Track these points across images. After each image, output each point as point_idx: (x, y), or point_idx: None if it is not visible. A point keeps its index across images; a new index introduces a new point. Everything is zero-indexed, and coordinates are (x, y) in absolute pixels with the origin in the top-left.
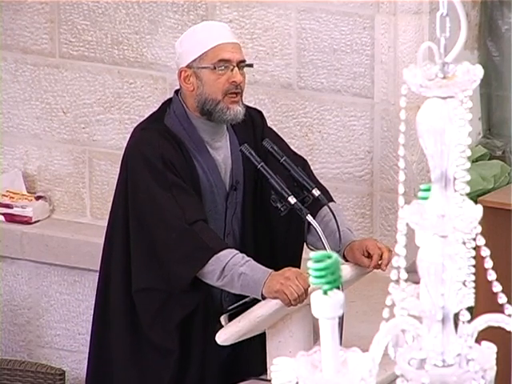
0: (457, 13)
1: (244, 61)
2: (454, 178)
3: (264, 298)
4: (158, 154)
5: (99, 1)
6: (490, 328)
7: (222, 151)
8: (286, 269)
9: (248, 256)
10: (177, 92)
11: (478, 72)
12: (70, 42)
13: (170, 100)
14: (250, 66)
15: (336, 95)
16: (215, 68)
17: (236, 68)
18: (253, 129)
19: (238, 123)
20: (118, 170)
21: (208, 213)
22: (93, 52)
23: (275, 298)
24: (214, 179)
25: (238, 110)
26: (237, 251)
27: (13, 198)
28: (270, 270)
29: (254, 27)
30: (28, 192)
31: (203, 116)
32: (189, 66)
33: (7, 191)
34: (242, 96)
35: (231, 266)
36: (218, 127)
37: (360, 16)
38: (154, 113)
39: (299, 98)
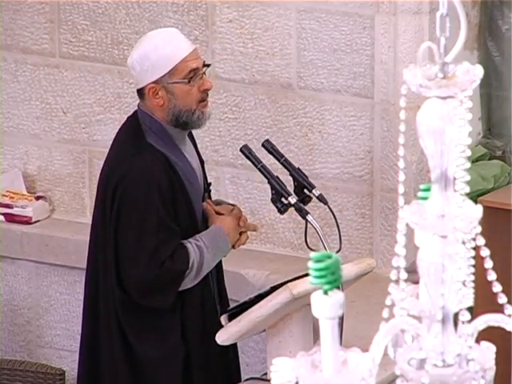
0: (457, 13)
1: (204, 62)
2: (454, 178)
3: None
4: (156, 184)
5: (99, 1)
6: (489, 328)
7: (191, 154)
8: (232, 220)
9: None
10: (138, 106)
11: (478, 72)
12: (70, 41)
13: (134, 117)
14: (209, 65)
15: (336, 95)
16: (189, 81)
17: (204, 75)
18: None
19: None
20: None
21: (198, 215)
22: (93, 52)
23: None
24: (196, 183)
25: (209, 113)
26: (189, 245)
27: (13, 197)
28: (220, 229)
29: (254, 27)
30: (28, 192)
31: (177, 127)
32: (157, 82)
33: (7, 191)
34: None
35: (199, 262)
36: (185, 134)
37: (360, 16)
38: (129, 132)
39: (299, 98)
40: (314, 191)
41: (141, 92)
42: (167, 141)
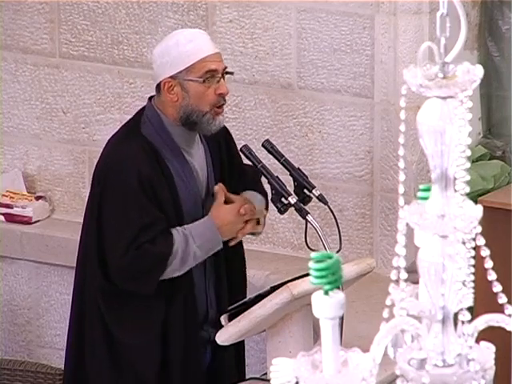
0: (457, 13)
1: (226, 67)
2: (454, 178)
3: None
4: (135, 170)
5: (99, 1)
6: (490, 328)
7: (196, 158)
8: (229, 211)
9: (220, 258)
10: (150, 99)
11: (478, 72)
12: (70, 41)
13: (141, 109)
14: (231, 73)
15: (336, 95)
16: (205, 81)
17: (222, 79)
18: (219, 138)
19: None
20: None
21: (187, 217)
22: (93, 52)
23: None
24: (191, 185)
25: (221, 120)
26: (175, 232)
27: (13, 197)
28: (210, 219)
29: (254, 27)
30: (28, 192)
31: (184, 126)
32: (173, 77)
33: (7, 191)
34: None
35: (185, 251)
36: (193, 135)
37: (360, 16)
38: (129, 122)
39: (299, 98)
40: (314, 191)
41: (158, 86)
42: (164, 136)
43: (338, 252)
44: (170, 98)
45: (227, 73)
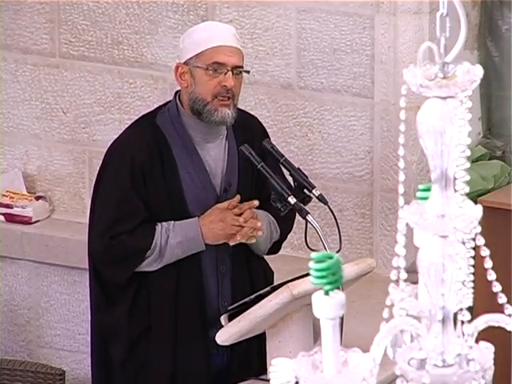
0: (457, 13)
1: (241, 66)
2: (454, 178)
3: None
4: (128, 157)
5: (99, 1)
6: (489, 328)
7: (213, 152)
8: (212, 212)
9: (239, 258)
10: (177, 92)
11: (478, 72)
12: (70, 41)
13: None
14: (247, 72)
15: (336, 95)
16: (208, 69)
17: (230, 72)
18: (252, 136)
19: (240, 129)
20: None
21: (194, 210)
22: (93, 52)
23: (223, 241)
24: (201, 180)
25: (226, 113)
26: (158, 227)
27: (13, 197)
28: (195, 219)
29: (254, 27)
30: (28, 192)
31: (194, 115)
32: (186, 63)
33: (7, 191)
34: (234, 101)
35: (164, 246)
36: (211, 128)
37: (360, 16)
38: (151, 111)
39: (299, 98)
40: (314, 191)
41: None
42: (178, 127)
43: (338, 252)
44: (181, 83)
45: (243, 71)
